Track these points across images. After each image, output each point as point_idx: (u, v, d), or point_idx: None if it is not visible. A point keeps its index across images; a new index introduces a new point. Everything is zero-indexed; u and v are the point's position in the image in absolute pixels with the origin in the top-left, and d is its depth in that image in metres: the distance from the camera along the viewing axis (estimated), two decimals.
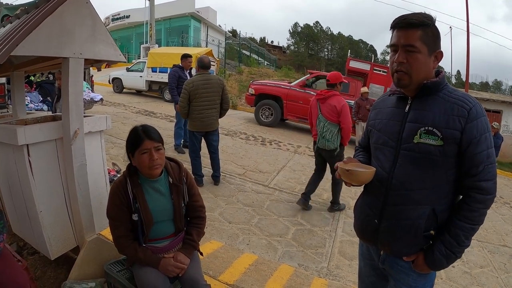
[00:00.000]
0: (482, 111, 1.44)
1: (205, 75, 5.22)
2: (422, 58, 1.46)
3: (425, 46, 1.45)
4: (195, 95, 5.07)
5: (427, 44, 1.45)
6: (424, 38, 1.44)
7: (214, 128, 5.35)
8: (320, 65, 57.27)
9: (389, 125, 1.62)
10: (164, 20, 32.72)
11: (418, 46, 1.44)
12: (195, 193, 2.34)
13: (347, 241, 4.37)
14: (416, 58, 1.45)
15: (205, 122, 5.21)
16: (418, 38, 1.44)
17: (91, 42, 2.36)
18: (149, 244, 2.16)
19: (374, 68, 11.68)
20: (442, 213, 1.51)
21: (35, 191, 2.31)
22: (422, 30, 1.44)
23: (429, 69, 1.49)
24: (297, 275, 3.27)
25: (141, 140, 2.03)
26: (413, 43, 1.44)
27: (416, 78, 1.48)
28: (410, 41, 1.45)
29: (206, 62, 5.29)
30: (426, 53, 1.46)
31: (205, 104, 5.14)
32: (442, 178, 1.48)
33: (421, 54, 1.45)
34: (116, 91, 16.72)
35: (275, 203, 5.28)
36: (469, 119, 1.41)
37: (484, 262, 4.53)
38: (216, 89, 5.20)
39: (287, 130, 12.13)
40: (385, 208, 1.60)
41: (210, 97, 5.16)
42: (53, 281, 2.67)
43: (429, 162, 1.46)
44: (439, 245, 1.48)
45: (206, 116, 5.17)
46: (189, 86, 5.08)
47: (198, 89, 5.06)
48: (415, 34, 1.44)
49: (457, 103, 1.44)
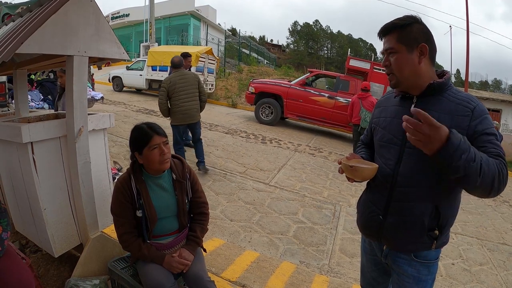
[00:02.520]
0: (485, 109, 1.47)
1: (180, 72, 5.65)
2: (401, 57, 1.55)
3: (402, 46, 1.54)
4: (173, 91, 5.48)
5: (404, 43, 1.54)
6: (399, 38, 1.54)
7: (196, 120, 5.73)
8: (319, 63, 57.22)
9: (394, 123, 1.65)
10: (164, 18, 32.65)
11: (395, 47, 1.56)
12: (199, 189, 2.36)
13: (348, 239, 4.38)
14: (395, 58, 1.56)
15: (187, 114, 5.58)
16: (394, 40, 1.56)
17: (95, 40, 2.37)
18: (153, 240, 2.17)
19: (374, 66, 11.67)
20: (445, 211, 1.53)
21: (39, 189, 2.32)
22: (397, 33, 1.55)
23: (414, 65, 1.55)
24: (299, 272, 3.29)
25: (150, 136, 2.05)
26: (391, 46, 1.57)
27: (401, 75, 1.57)
28: (389, 44, 1.58)
29: (177, 61, 5.72)
30: (405, 51, 1.54)
31: (184, 97, 5.54)
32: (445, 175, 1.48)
33: (400, 53, 1.55)
34: (116, 89, 16.71)
35: (276, 201, 5.29)
36: (474, 117, 1.43)
37: (484, 259, 4.54)
38: (192, 82, 5.63)
39: (287, 128, 12.13)
40: (390, 205, 1.62)
41: (188, 90, 5.57)
42: (56, 278, 2.68)
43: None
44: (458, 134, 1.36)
45: (188, 108, 5.57)
46: (167, 83, 5.51)
47: (175, 84, 5.48)
48: (392, 36, 1.57)
49: (461, 103, 1.48)
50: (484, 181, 1.27)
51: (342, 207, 5.44)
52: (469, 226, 5.68)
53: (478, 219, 6.18)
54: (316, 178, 6.83)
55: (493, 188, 1.29)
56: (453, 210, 1.57)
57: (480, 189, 1.31)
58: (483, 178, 1.26)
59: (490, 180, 1.28)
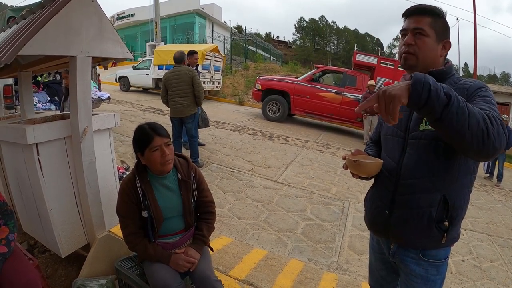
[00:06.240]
0: (482, 84, 1.46)
1: (176, 68, 5.99)
2: (429, 42, 1.51)
3: (433, 32, 1.51)
4: (168, 86, 5.96)
5: (436, 31, 1.51)
6: (433, 24, 1.51)
7: (186, 115, 6.00)
8: (326, 59, 56.93)
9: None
10: (169, 17, 32.74)
11: (427, 30, 1.50)
12: (204, 188, 2.34)
13: (356, 236, 4.35)
14: (424, 41, 1.51)
15: (177, 109, 5.97)
16: (428, 23, 1.51)
17: (98, 40, 2.36)
18: (159, 240, 2.17)
19: (381, 61, 11.61)
20: (453, 199, 1.49)
21: (45, 190, 2.32)
22: (431, 18, 1.51)
23: (436, 55, 1.54)
24: (307, 270, 3.27)
25: (151, 138, 2.03)
26: (422, 27, 1.51)
27: (423, 60, 1.52)
28: (419, 24, 1.51)
29: (177, 56, 6.01)
30: (434, 39, 1.51)
31: (176, 93, 5.92)
32: (450, 163, 1.47)
33: (429, 38, 1.51)
34: (123, 89, 16.82)
35: (284, 198, 5.27)
36: (469, 92, 1.44)
37: (494, 256, 4.48)
38: (185, 79, 5.89)
39: (294, 125, 12.09)
40: (395, 198, 1.60)
41: (180, 87, 5.90)
42: (64, 278, 2.69)
43: (436, 148, 1.46)
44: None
45: (178, 103, 5.93)
46: (163, 78, 6.07)
47: (169, 80, 5.95)
48: (425, 19, 1.51)
49: (459, 87, 1.47)
50: (466, 122, 1.15)
51: (350, 204, 5.40)
52: (479, 222, 5.61)
53: (488, 214, 6.12)
54: (324, 174, 6.79)
55: (483, 133, 1.16)
56: (462, 200, 1.52)
57: (468, 136, 1.16)
58: (464, 116, 1.15)
59: (475, 121, 1.16)
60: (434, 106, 1.15)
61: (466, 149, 1.22)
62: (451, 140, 1.24)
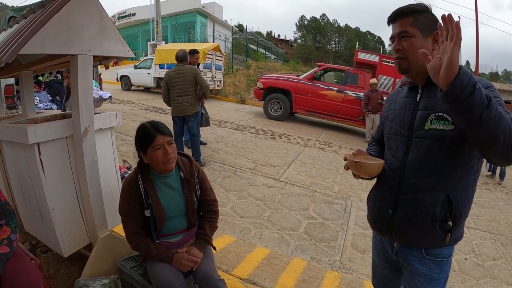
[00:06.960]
0: (488, 83, 1.45)
1: (178, 67, 5.95)
2: (416, 41, 1.50)
3: (417, 30, 1.50)
4: (171, 85, 5.91)
5: (419, 28, 1.50)
6: (415, 23, 1.50)
7: (188, 113, 5.98)
8: (327, 57, 56.83)
9: (401, 115, 1.64)
10: (170, 16, 32.73)
11: (410, 31, 1.50)
12: (207, 187, 2.33)
13: (359, 234, 4.33)
14: (410, 42, 1.51)
15: (180, 107, 5.94)
16: (409, 24, 1.51)
17: (99, 39, 2.35)
18: (162, 239, 2.16)
19: (383, 59, 11.57)
20: (457, 199, 1.48)
21: (46, 189, 2.31)
22: (412, 17, 1.51)
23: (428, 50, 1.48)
24: (310, 269, 3.26)
25: (154, 136, 2.02)
26: (405, 29, 1.51)
27: (415, 61, 1.50)
28: (402, 28, 1.52)
29: (179, 55, 5.98)
30: (420, 36, 1.50)
31: (179, 92, 5.87)
32: (454, 162, 1.46)
33: (415, 38, 1.50)
34: (125, 88, 16.83)
35: (286, 196, 5.25)
36: None
37: (497, 254, 4.46)
38: (188, 78, 5.86)
39: (296, 123, 12.07)
40: (399, 197, 1.59)
41: (183, 86, 5.87)
42: (66, 278, 2.68)
43: (441, 148, 1.45)
44: None
45: (180, 102, 5.90)
46: (166, 77, 6.01)
47: (171, 79, 5.90)
48: (406, 20, 1.52)
49: None
50: (501, 126, 1.15)
51: (353, 202, 5.39)
52: (482, 220, 5.59)
53: (491, 213, 6.09)
54: (326, 173, 6.77)
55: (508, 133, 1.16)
56: (465, 200, 1.51)
57: (501, 140, 1.15)
58: (500, 121, 1.15)
59: (508, 126, 1.16)
60: (475, 105, 1.13)
61: (496, 153, 1.22)
62: (483, 144, 1.22)
